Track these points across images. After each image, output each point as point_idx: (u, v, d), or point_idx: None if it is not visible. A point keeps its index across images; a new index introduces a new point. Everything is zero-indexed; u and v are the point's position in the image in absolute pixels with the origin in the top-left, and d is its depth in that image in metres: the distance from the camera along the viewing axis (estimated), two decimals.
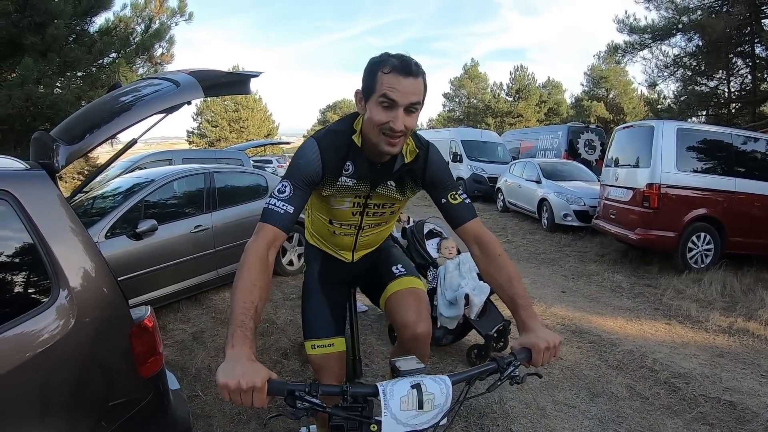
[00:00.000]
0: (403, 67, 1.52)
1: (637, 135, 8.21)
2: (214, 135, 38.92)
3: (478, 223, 1.81)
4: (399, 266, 2.23)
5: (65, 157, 2.04)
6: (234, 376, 1.15)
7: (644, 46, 14.36)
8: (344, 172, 1.78)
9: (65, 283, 1.80)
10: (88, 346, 1.83)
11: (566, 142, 17.59)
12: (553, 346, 1.47)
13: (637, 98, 35.57)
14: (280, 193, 1.64)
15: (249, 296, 1.39)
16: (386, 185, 1.86)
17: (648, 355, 4.45)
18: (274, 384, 1.20)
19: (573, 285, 7.04)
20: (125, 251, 4.78)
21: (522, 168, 13.28)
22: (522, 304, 1.59)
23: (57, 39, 6.20)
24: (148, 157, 10.39)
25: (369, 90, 1.59)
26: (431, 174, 1.83)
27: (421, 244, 4.68)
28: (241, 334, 1.29)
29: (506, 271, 1.68)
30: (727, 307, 5.95)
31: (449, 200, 1.81)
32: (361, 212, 1.96)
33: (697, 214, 7.27)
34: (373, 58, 1.60)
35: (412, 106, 1.56)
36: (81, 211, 5.44)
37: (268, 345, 4.52)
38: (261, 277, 1.46)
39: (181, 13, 8.45)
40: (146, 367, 2.01)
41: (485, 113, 40.50)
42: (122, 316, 1.97)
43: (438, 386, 1.25)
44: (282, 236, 1.60)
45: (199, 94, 2.39)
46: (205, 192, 5.97)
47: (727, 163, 7.55)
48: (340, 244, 2.14)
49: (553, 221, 10.78)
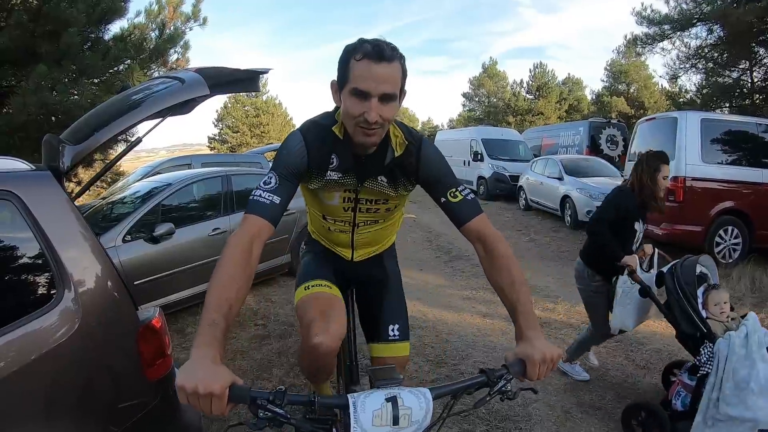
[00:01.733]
0: (375, 53, 1.42)
1: (660, 127, 8.03)
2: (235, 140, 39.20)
3: (483, 220, 1.68)
4: (395, 328, 2.12)
5: (71, 158, 2.04)
6: (192, 380, 1.06)
7: (664, 37, 14.08)
8: (330, 165, 1.71)
9: (70, 284, 1.77)
10: (94, 347, 1.80)
11: (588, 138, 17.30)
12: (550, 359, 1.33)
13: (659, 92, 34.96)
14: (266, 184, 1.56)
15: (224, 292, 1.29)
16: (376, 180, 1.77)
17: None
18: (236, 390, 1.09)
19: None
20: (143, 255, 4.79)
21: (544, 165, 13.10)
22: (522, 311, 1.47)
23: (71, 47, 6.26)
24: (167, 163, 10.50)
25: (342, 80, 1.50)
26: (426, 170, 1.73)
27: (692, 303, 3.05)
28: (209, 334, 1.18)
29: (509, 273, 1.56)
30: (757, 302, 5.75)
31: (449, 198, 1.69)
32: (353, 208, 1.89)
33: (724, 207, 7.09)
34: (348, 45, 1.51)
35: (387, 95, 1.47)
36: (100, 216, 5.51)
37: (286, 347, 4.49)
38: (241, 272, 1.37)
39: (195, 18, 8.49)
40: (154, 370, 1.97)
41: (505, 112, 40.17)
42: (129, 318, 1.94)
43: (417, 400, 1.13)
44: (268, 228, 1.50)
45: (204, 90, 2.37)
46: (222, 195, 5.97)
47: (754, 154, 7.35)
48: (337, 240, 2.09)
49: (576, 218, 10.59)
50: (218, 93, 2.89)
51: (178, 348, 4.47)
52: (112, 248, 4.54)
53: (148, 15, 8.04)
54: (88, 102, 5.97)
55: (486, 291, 6.40)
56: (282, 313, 5.38)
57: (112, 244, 4.57)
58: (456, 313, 5.45)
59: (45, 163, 2.13)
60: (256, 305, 5.68)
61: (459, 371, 4.04)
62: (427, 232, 10.66)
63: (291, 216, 6.41)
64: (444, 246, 9.37)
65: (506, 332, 4.94)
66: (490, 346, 4.58)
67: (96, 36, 7.33)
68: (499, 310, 5.64)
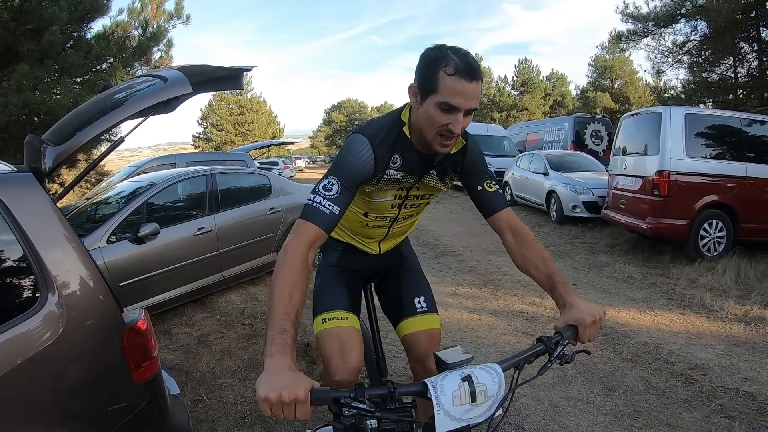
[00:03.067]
0: (467, 71, 1.44)
1: (644, 122, 8.07)
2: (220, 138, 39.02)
3: (511, 212, 1.80)
4: (422, 300, 2.15)
5: (53, 158, 2.01)
6: (275, 389, 1.08)
7: (648, 33, 14.20)
8: (392, 164, 1.70)
9: (54, 287, 1.74)
10: (79, 351, 1.77)
11: (573, 134, 17.42)
12: (599, 319, 1.44)
13: (643, 87, 35.32)
14: (326, 191, 1.52)
15: (290, 300, 1.30)
16: (430, 175, 1.81)
17: (663, 347, 4.34)
18: (317, 393, 1.12)
19: (584, 277, 6.93)
20: (128, 256, 4.74)
21: (529, 161, 13.14)
22: (559, 281, 1.58)
23: (53, 45, 6.17)
24: (152, 162, 10.40)
25: (428, 88, 1.49)
26: (470, 162, 1.81)
27: None
28: (281, 342, 1.20)
29: (540, 252, 1.68)
30: (742, 295, 5.82)
31: (485, 188, 1.79)
32: (400, 204, 1.90)
33: (709, 200, 7.13)
34: (431, 51, 1.51)
35: (471, 109, 1.51)
36: (84, 217, 5.45)
37: None
38: (301, 280, 1.37)
39: (178, 16, 8.41)
40: (140, 372, 1.94)
41: (490, 108, 40.30)
42: (113, 320, 1.91)
43: (489, 376, 1.19)
44: (324, 237, 1.50)
45: (187, 88, 2.33)
46: (207, 194, 5.92)
47: (738, 148, 7.41)
48: (370, 235, 2.08)
49: (561, 213, 10.65)
50: (201, 91, 2.85)
51: (165, 349, 4.43)
52: (97, 249, 4.50)
53: (131, 13, 7.93)
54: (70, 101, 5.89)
55: (473, 287, 6.42)
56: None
57: (96, 245, 4.53)
58: (443, 309, 5.43)
59: (27, 164, 2.10)
60: (242, 304, 5.65)
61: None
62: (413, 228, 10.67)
63: (277, 214, 6.38)
64: (430, 242, 9.38)
65: (493, 327, 4.96)
66: (477, 341, 4.59)
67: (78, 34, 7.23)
68: (486, 305, 5.67)
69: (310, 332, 4.58)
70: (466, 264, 7.67)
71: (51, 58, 6.27)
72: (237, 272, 5.97)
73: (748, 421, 3.23)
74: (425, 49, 1.53)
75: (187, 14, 8.53)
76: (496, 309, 5.54)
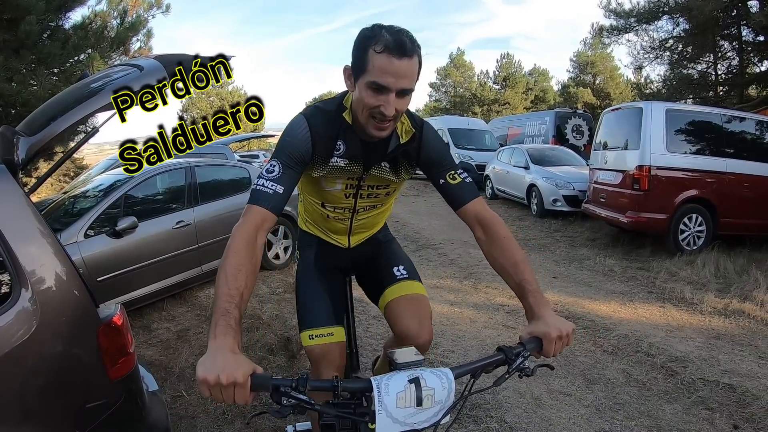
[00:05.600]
0: (397, 47, 1.37)
1: (625, 117, 8.15)
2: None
3: (480, 202, 1.68)
4: (401, 267, 2.09)
5: (25, 150, 1.96)
6: (213, 370, 1.05)
7: (630, 29, 14.32)
8: (335, 152, 1.66)
9: (27, 282, 1.69)
10: (53, 348, 1.73)
11: (554, 128, 17.49)
12: (566, 335, 1.37)
13: (624, 83, 35.64)
14: (269, 173, 1.52)
15: (234, 282, 1.27)
16: (380, 166, 1.74)
17: (643, 340, 4.39)
18: (257, 379, 1.09)
19: (564, 270, 6.98)
20: (105, 250, 4.66)
21: (510, 154, 13.19)
22: (530, 289, 1.47)
23: (30, 35, 6.03)
24: None
25: (359, 68, 1.44)
26: (427, 153, 1.72)
27: None
28: (224, 324, 1.17)
29: (511, 254, 1.56)
30: (721, 288, 5.90)
31: (448, 180, 1.68)
32: (354, 194, 1.84)
33: (688, 195, 7.22)
34: (365, 30, 1.45)
35: (405, 89, 1.44)
36: (61, 212, 5.35)
37: (254, 341, 4.41)
38: (248, 262, 1.34)
39: (158, 6, 8.25)
40: (117, 369, 1.89)
41: (472, 102, 40.38)
42: (88, 316, 1.85)
43: (439, 380, 1.14)
44: (271, 218, 1.48)
45: (163, 77, 2.28)
46: (186, 187, 5.82)
47: (717, 144, 7.52)
48: (334, 228, 2.03)
49: (542, 207, 10.71)
50: None
51: (144, 345, 4.36)
52: (74, 244, 4.43)
53: (110, 2, 7.77)
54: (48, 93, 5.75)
55: (453, 280, 6.42)
56: (249, 307, 5.25)
57: (73, 239, 4.46)
58: None
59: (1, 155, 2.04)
60: None
61: (428, 361, 4.03)
62: (394, 221, 10.64)
63: None
64: (411, 235, 9.36)
65: (474, 320, 4.97)
66: (458, 335, 4.58)
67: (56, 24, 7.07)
68: (467, 298, 5.68)
69: (291, 326, 4.56)
70: (447, 257, 7.67)
71: (27, 48, 6.14)
72: (216, 266, 5.86)
73: (728, 412, 3.28)
74: (360, 29, 1.47)
75: (167, 4, 8.39)
76: (477, 302, 5.55)
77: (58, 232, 4.45)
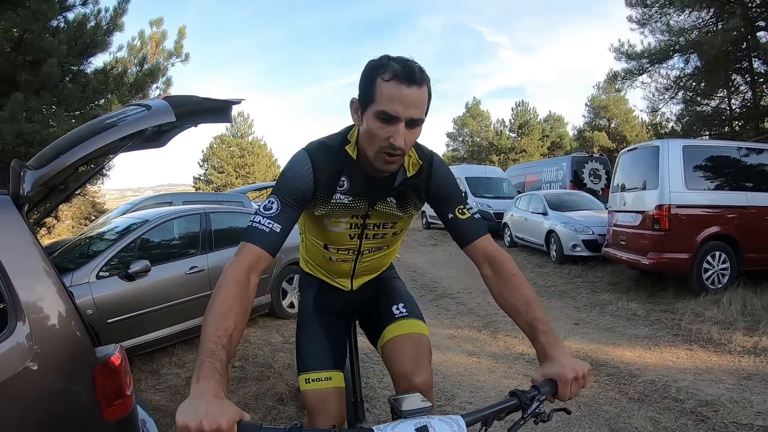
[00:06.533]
0: (405, 75, 1.33)
1: (642, 157, 8.06)
2: (221, 181, 39.23)
3: (489, 240, 1.60)
4: (400, 306, 1.98)
5: (32, 183, 1.98)
6: (195, 416, 0.96)
7: (643, 70, 14.39)
8: (338, 188, 1.58)
9: (24, 315, 1.66)
10: (47, 383, 1.68)
11: (571, 173, 17.44)
12: (582, 376, 1.28)
13: (639, 125, 35.74)
14: (266, 209, 1.45)
15: (222, 322, 1.19)
16: (386, 202, 1.66)
17: (671, 384, 4.18)
18: (245, 427, 1.00)
19: (586, 316, 6.77)
20: (117, 292, 4.64)
21: (527, 201, 13.05)
22: (542, 329, 1.38)
23: (51, 77, 6.21)
24: (149, 200, 10.38)
25: (366, 99, 1.39)
26: (436, 187, 1.64)
27: None
28: (209, 366, 1.08)
29: (522, 293, 1.48)
30: (749, 326, 5.67)
31: (456, 215, 1.60)
32: (359, 234, 1.75)
33: (710, 232, 7.05)
34: (372, 61, 1.41)
35: (414, 120, 1.38)
36: (77, 252, 5.39)
37: (264, 390, 4.28)
38: (238, 302, 1.26)
39: (177, 55, 8.52)
40: (112, 410, 1.82)
41: (489, 151, 40.66)
42: (86, 354, 1.80)
43: (449, 428, 1.06)
44: (266, 258, 1.40)
45: (170, 117, 2.32)
46: (201, 233, 5.84)
47: (736, 178, 7.40)
48: (337, 271, 1.93)
49: (562, 253, 10.49)
50: (189, 122, 2.82)
51: (152, 390, 4.27)
52: (86, 284, 4.44)
53: (130, 50, 8.03)
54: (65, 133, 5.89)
55: (472, 329, 6.24)
56: (261, 355, 5.18)
57: (85, 280, 4.47)
58: (441, 352, 5.27)
59: (11, 189, 2.07)
60: None
61: (444, 413, 3.85)
62: (412, 271, 10.54)
63: None
64: (429, 285, 9.22)
65: (493, 370, 4.78)
66: (477, 386, 4.40)
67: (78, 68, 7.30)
68: (485, 347, 5.49)
69: None
70: (465, 306, 7.50)
71: (48, 90, 6.31)
72: None
73: None
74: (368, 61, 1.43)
75: (186, 53, 8.65)
76: (496, 352, 5.36)
77: (70, 271, 4.49)
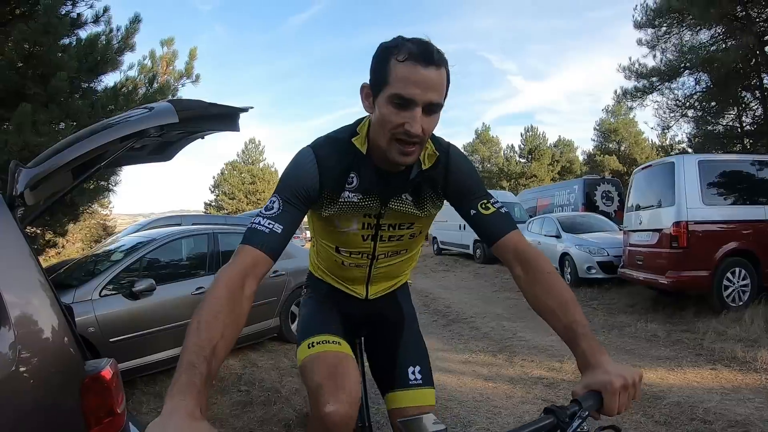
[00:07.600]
0: (422, 55, 1.20)
1: (657, 174, 7.92)
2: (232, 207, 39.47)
3: (518, 235, 1.44)
4: (416, 370, 1.78)
5: (25, 182, 1.97)
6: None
7: (653, 89, 14.32)
8: (347, 186, 1.46)
9: (9, 321, 1.54)
10: (30, 394, 1.56)
11: (583, 196, 17.30)
12: (632, 384, 1.09)
13: (649, 147, 35.65)
14: (267, 210, 1.33)
15: (207, 332, 1.04)
16: (401, 198, 1.51)
17: (698, 406, 3.98)
18: None
19: (604, 339, 6.53)
20: (121, 310, 4.57)
21: (540, 224, 12.90)
22: (582, 333, 1.20)
23: (59, 91, 6.26)
24: (158, 221, 10.37)
25: (379, 83, 1.27)
26: (455, 181, 1.49)
27: None
28: (186, 381, 0.92)
29: (558, 292, 1.30)
30: None
31: (480, 211, 1.45)
32: (373, 236, 1.61)
33: (730, 248, 6.87)
34: (384, 42, 1.29)
35: (433, 105, 1.25)
36: (83, 270, 5.34)
37: (270, 415, 4.11)
38: (228, 310, 1.11)
39: (188, 75, 8.58)
40: (101, 429, 1.68)
41: (499, 176, 40.68)
42: (73, 367, 1.67)
43: None
44: (265, 261, 1.26)
45: (173, 118, 2.27)
46: (208, 254, 5.77)
47: (753, 192, 7.25)
48: (350, 277, 1.79)
49: (576, 276, 10.26)
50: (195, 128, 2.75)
51: (154, 413, 4.10)
52: (88, 301, 4.37)
53: (141, 69, 8.10)
54: None
55: (487, 354, 6.04)
56: (268, 379, 5.02)
57: (88, 297, 4.41)
58: (456, 377, 5.09)
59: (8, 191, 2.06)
60: (240, 370, 5.34)
61: None
62: (423, 296, 10.37)
63: (280, 278, 6.16)
64: (441, 310, 9.03)
65: (510, 395, 4.57)
66: (494, 411, 4.20)
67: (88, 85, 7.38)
68: (502, 372, 5.28)
69: None
70: (479, 331, 7.29)
71: (56, 103, 6.34)
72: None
73: None
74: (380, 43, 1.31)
75: (196, 74, 8.71)
76: (513, 376, 5.14)
77: (73, 288, 4.44)
